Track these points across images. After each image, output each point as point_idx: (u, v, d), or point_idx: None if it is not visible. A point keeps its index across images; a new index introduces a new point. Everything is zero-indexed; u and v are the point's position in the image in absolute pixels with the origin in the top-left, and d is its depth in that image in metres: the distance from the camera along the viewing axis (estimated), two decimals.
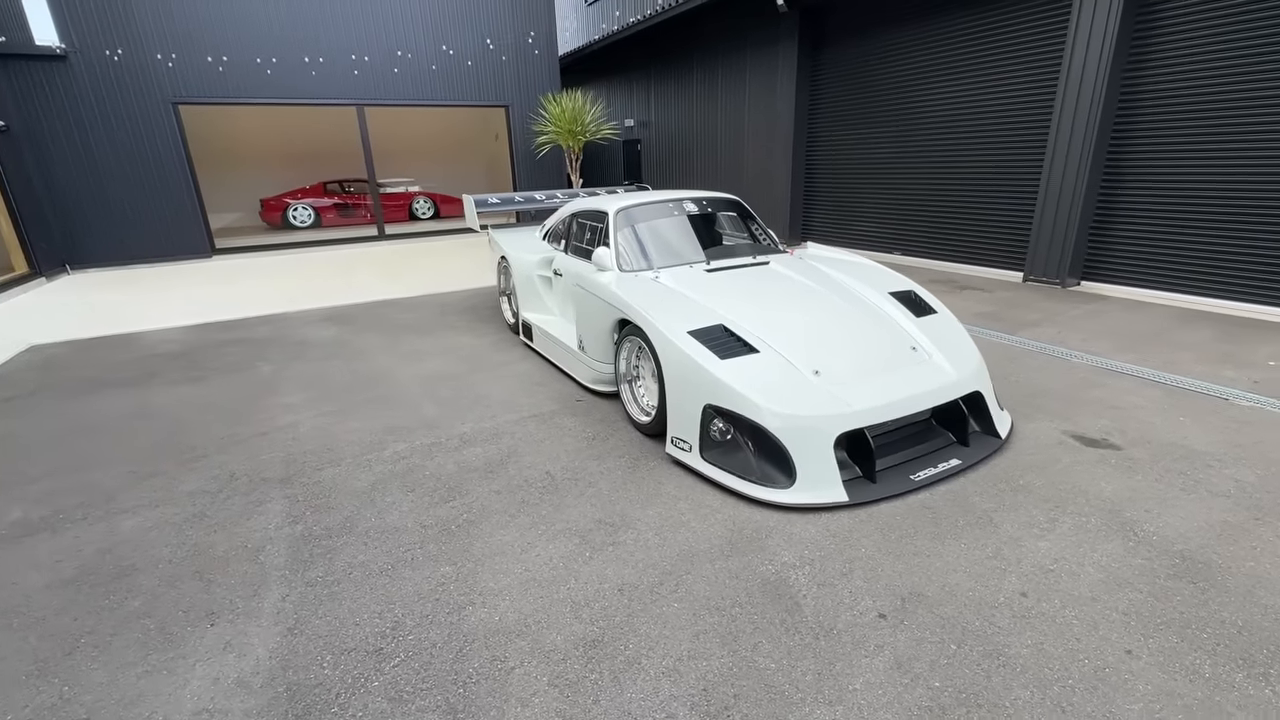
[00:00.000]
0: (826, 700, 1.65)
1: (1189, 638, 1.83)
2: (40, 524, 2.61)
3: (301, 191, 13.43)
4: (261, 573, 2.24)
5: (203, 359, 4.87)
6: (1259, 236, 5.01)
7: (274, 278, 8.30)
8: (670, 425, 2.94)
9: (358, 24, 9.68)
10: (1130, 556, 2.20)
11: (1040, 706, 1.61)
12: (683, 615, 1.98)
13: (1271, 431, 3.10)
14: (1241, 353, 4.24)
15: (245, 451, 3.23)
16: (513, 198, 6.18)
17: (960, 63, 6.93)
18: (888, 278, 3.74)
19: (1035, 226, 6.26)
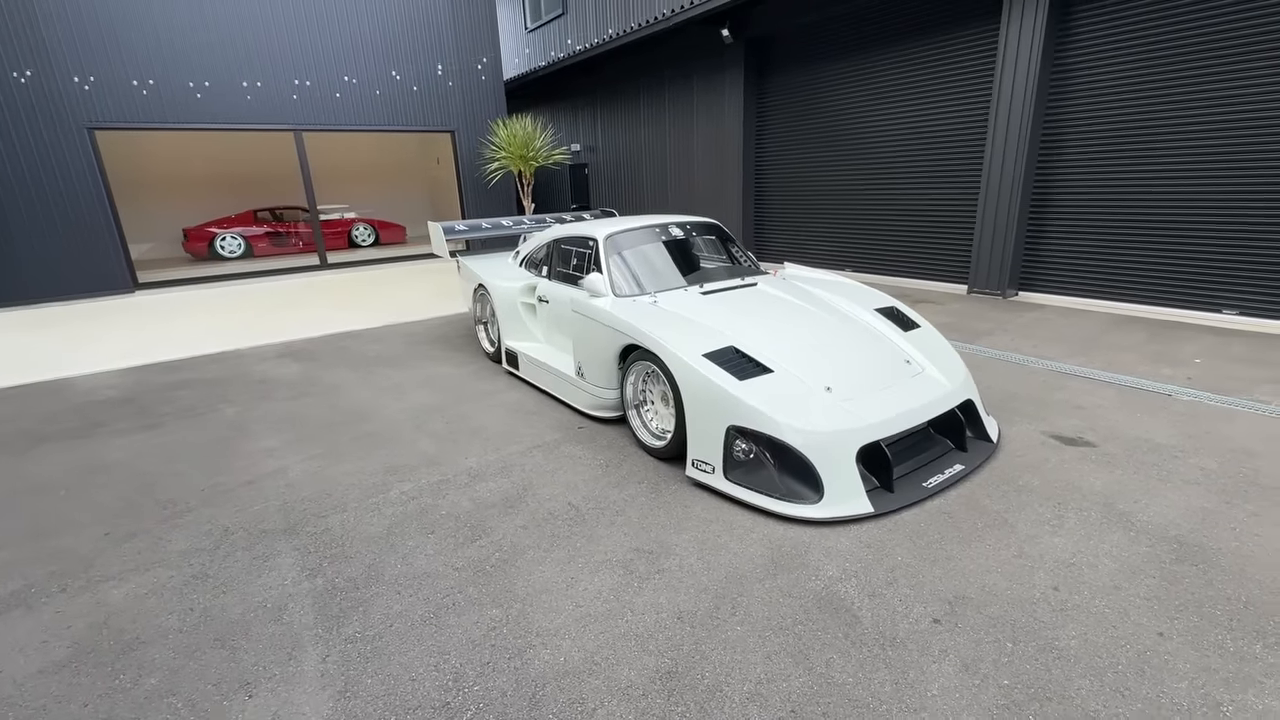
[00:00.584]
0: (910, 709, 1.70)
1: (1207, 616, 2.01)
2: (11, 600, 2.32)
3: (229, 220, 12.68)
4: (290, 633, 2.08)
5: (152, 404, 4.49)
6: (1174, 248, 5.61)
7: (213, 312, 7.76)
8: (691, 448, 2.96)
9: (301, 48, 9.34)
10: (1135, 545, 2.39)
11: (1101, 694, 1.72)
12: (749, 638, 1.99)
13: (1215, 422, 3.46)
14: (1171, 352, 4.72)
15: (233, 503, 2.99)
16: (480, 224, 6.09)
17: (901, 91, 7.44)
18: (871, 295, 3.94)
19: (976, 242, 6.76)
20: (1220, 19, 5.05)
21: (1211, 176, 5.28)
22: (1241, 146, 5.09)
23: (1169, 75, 5.38)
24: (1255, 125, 5.00)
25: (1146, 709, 1.67)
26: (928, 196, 7.41)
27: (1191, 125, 5.32)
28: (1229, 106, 5.10)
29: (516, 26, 14.56)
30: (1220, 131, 5.18)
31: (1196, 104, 5.27)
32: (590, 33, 12.04)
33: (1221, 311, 5.44)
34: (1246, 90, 5.00)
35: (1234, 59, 5.02)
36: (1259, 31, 4.88)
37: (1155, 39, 5.41)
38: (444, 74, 10.52)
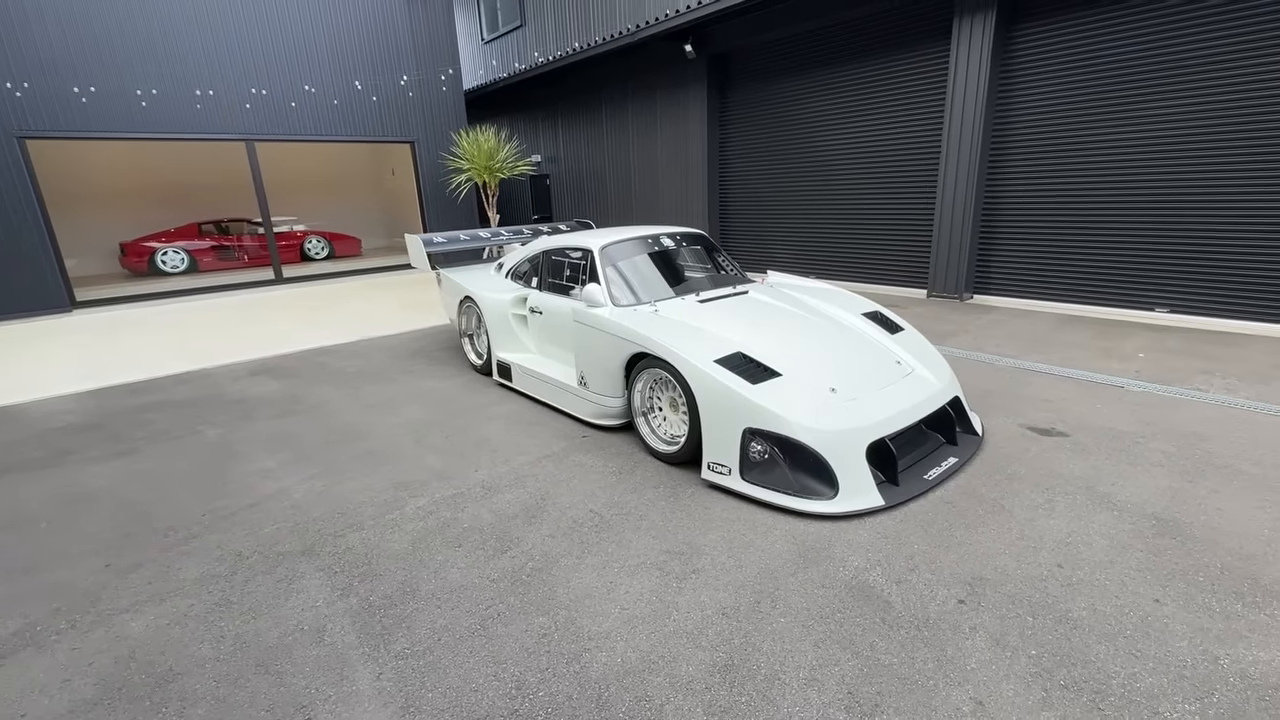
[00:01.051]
0: (955, 682, 1.84)
1: (1192, 583, 2.24)
2: (15, 640, 2.18)
3: (169, 233, 12.03)
4: (336, 654, 2.05)
5: (122, 429, 4.25)
6: (1111, 252, 6.11)
7: (165, 330, 7.37)
8: (706, 451, 3.06)
9: (256, 56, 9.02)
10: (1120, 523, 2.63)
11: (1117, 656, 1.91)
12: (794, 628, 2.09)
13: (1165, 410, 3.82)
14: (1116, 348, 5.14)
15: (240, 527, 2.89)
16: (458, 235, 6.04)
17: (861, 106, 7.82)
18: (856, 301, 4.15)
19: (934, 248, 7.17)
20: (1146, 44, 5.57)
21: (1141, 188, 5.80)
22: (1166, 161, 5.62)
23: (1102, 94, 5.89)
24: (1178, 142, 5.53)
25: (1157, 667, 1.86)
26: (888, 206, 7.80)
27: (1122, 141, 5.84)
28: (1155, 124, 5.63)
29: (472, 37, 14.48)
30: (1148, 147, 5.70)
31: (1126, 121, 5.78)
32: (550, 45, 12.10)
33: (1154, 310, 5.96)
34: (1170, 109, 5.53)
35: (1160, 80, 5.55)
36: (1181, 55, 5.41)
37: (1088, 61, 5.91)
38: (405, 84, 10.37)
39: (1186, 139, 5.48)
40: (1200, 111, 5.38)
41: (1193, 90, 5.39)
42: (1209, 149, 5.39)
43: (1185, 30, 5.35)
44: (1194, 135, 5.44)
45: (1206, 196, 5.47)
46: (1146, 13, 5.52)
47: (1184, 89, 5.43)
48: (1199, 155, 5.45)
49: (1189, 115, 5.44)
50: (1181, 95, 5.45)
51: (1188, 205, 5.58)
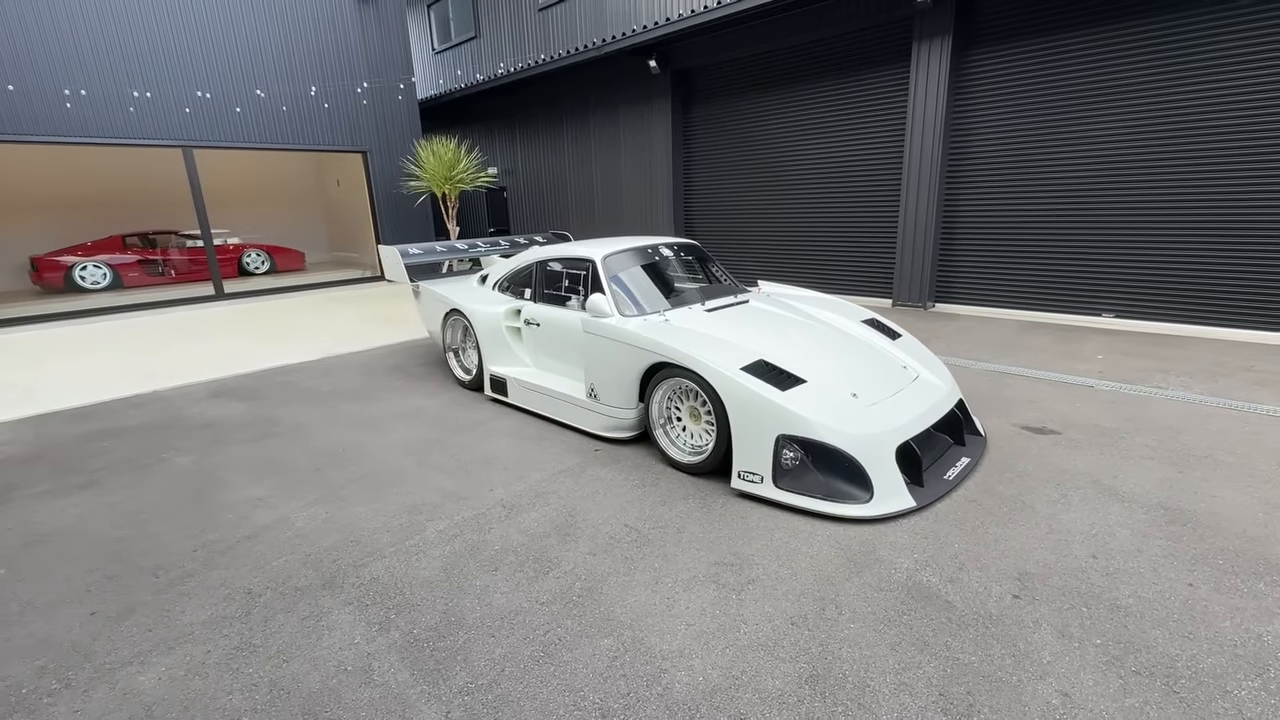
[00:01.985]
0: (1036, 676, 1.87)
1: (1214, 565, 2.38)
2: (1, 707, 1.89)
3: (87, 247, 11.03)
4: (392, 694, 1.88)
5: (72, 459, 3.82)
6: (1060, 262, 6.56)
7: (99, 351, 6.72)
8: (737, 460, 3.03)
9: (199, 59, 8.44)
10: (1134, 514, 2.78)
11: (1175, 639, 1.99)
12: (866, 634, 2.08)
13: (1137, 407, 4.09)
14: (1077, 351, 5.49)
15: (242, 561, 2.63)
16: (434, 247, 5.81)
17: (825, 123, 8.11)
18: (853, 309, 4.26)
19: (898, 259, 7.48)
20: (1087, 70, 6.05)
21: (1085, 202, 6.27)
22: (1106, 177, 6.10)
23: (1048, 116, 6.34)
24: (1116, 160, 6.02)
25: (1212, 648, 1.96)
26: (853, 218, 8.10)
27: (1067, 159, 6.30)
28: (1095, 144, 6.11)
29: (423, 47, 14.15)
30: (1090, 165, 6.17)
31: (1070, 141, 6.25)
32: (507, 57, 11.98)
33: (1101, 315, 6.42)
34: (1108, 131, 6.01)
35: (1099, 104, 6.03)
36: (1118, 80, 5.90)
37: (1035, 85, 6.37)
38: (361, 93, 9.98)
39: (1123, 157, 5.97)
40: (1133, 132, 5.87)
41: (1128, 113, 5.88)
42: (1143, 166, 5.89)
43: (1121, 58, 5.85)
44: (1129, 154, 5.93)
45: (1143, 210, 5.96)
46: (1086, 42, 6.00)
47: (1120, 112, 5.92)
48: (1135, 172, 5.94)
49: (1124, 135, 5.93)
50: (1118, 117, 5.94)
51: (1127, 218, 6.06)
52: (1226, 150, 5.47)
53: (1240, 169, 5.43)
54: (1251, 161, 5.37)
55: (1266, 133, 5.26)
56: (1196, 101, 5.54)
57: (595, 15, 10.32)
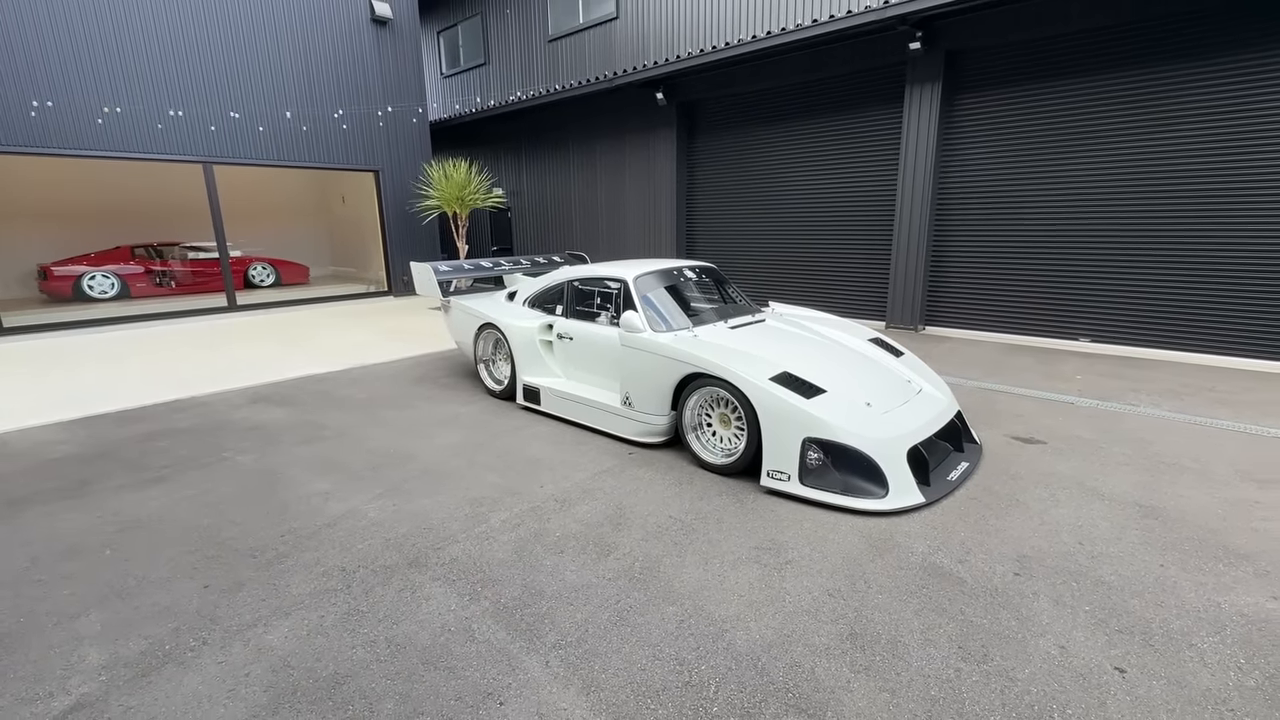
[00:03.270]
0: (1037, 633, 2.24)
1: (1181, 550, 2.79)
2: (149, 661, 2.16)
3: (93, 257, 11.16)
4: (494, 649, 2.19)
5: (136, 458, 4.06)
6: (1039, 289, 7.09)
7: (127, 358, 6.90)
8: (766, 460, 3.39)
9: (232, 80, 8.79)
10: (1113, 510, 3.19)
11: (1149, 606, 2.38)
12: (893, 602, 2.44)
13: (1113, 421, 4.54)
14: (1057, 371, 5.98)
15: (329, 545, 2.92)
16: (461, 265, 6.16)
17: (824, 157, 8.65)
18: (859, 329, 4.68)
19: (891, 284, 7.98)
20: (1064, 115, 6.65)
21: (1062, 235, 6.83)
22: (1082, 213, 6.67)
23: (1028, 156, 6.92)
24: (1090, 197, 6.59)
25: (1179, 612, 2.35)
26: (849, 246, 8.61)
27: (1045, 196, 6.87)
28: (1071, 183, 6.68)
29: (431, 71, 14.61)
30: (1066, 201, 6.74)
31: (1048, 179, 6.82)
32: (515, 84, 12.47)
33: (1078, 339, 6.95)
34: (1082, 170, 6.60)
35: (1075, 146, 6.62)
36: (1096, 124, 6.50)
37: (1017, 128, 6.96)
38: (378, 115, 10.37)
39: (1097, 196, 6.55)
40: (1106, 173, 6.46)
41: (1101, 155, 6.47)
42: (1115, 205, 6.46)
43: (1095, 106, 6.45)
44: (1103, 193, 6.51)
45: (1115, 244, 6.53)
46: (1063, 92, 6.61)
47: (1094, 154, 6.51)
48: (1107, 210, 6.51)
49: (1098, 176, 6.51)
50: (1092, 159, 6.53)
51: (1100, 251, 6.62)
52: (1188, 193, 6.06)
53: (1201, 210, 6.02)
54: (1211, 204, 5.96)
55: (1223, 179, 5.86)
56: (1162, 148, 6.14)
57: (604, 49, 10.87)
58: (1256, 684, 1.99)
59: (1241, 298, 5.93)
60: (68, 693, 2.01)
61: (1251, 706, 1.90)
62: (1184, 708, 1.90)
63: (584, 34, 11.25)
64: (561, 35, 11.59)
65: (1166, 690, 1.97)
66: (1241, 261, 5.89)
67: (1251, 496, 3.31)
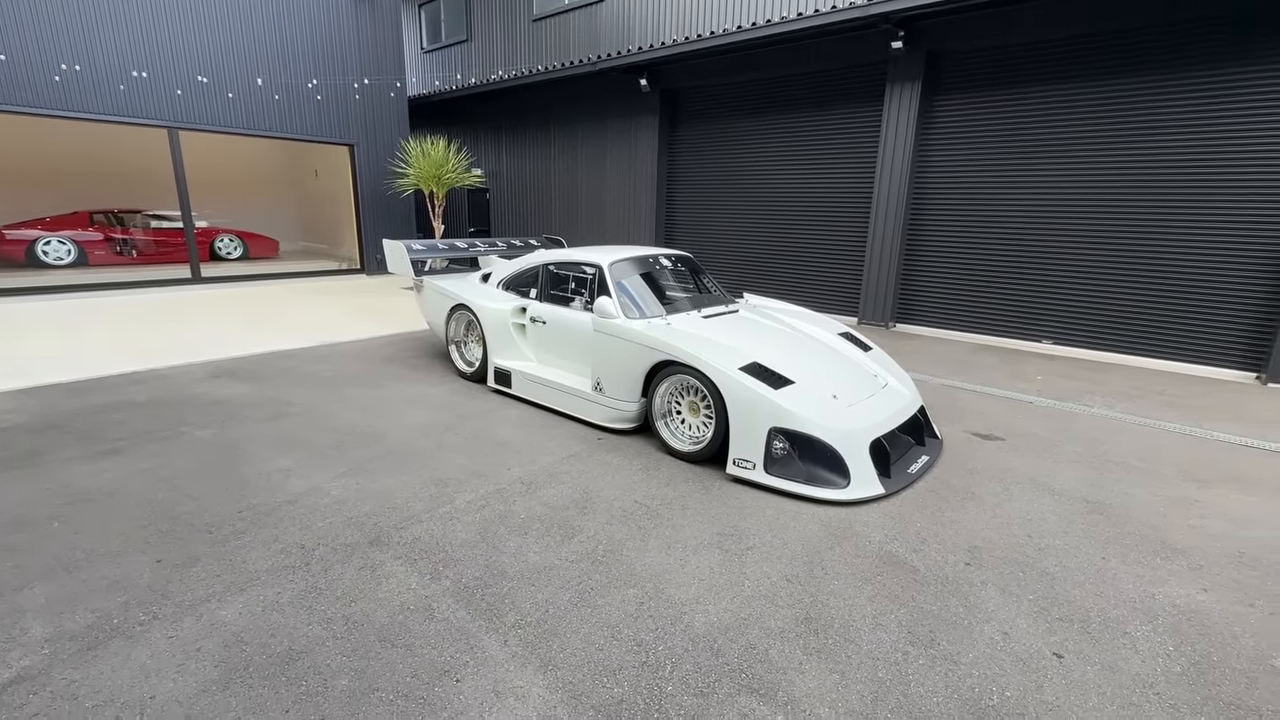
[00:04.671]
0: (983, 620, 2.33)
1: (1122, 544, 2.91)
2: (97, 634, 2.11)
3: (48, 222, 10.69)
4: (453, 627, 2.19)
5: (88, 429, 3.93)
6: (1006, 292, 7.27)
7: (79, 328, 6.66)
8: (733, 448, 3.43)
9: (201, 44, 8.44)
10: (1061, 505, 3.31)
11: (1090, 596, 2.49)
12: (848, 589, 2.50)
13: (1068, 420, 4.70)
14: (1020, 371, 6.15)
15: (288, 522, 2.88)
16: (435, 245, 6.06)
17: (803, 151, 8.70)
18: (829, 322, 4.75)
19: (864, 281, 8.10)
20: (1034, 123, 6.79)
21: (1029, 240, 7.00)
22: (1047, 220, 6.84)
23: (1000, 160, 7.07)
24: (1055, 205, 6.77)
25: (1116, 602, 2.46)
26: (824, 240, 8.70)
27: (1014, 201, 7.02)
28: (1037, 189, 6.84)
29: (412, 45, 14.26)
30: (1033, 208, 6.91)
31: (1016, 185, 6.98)
32: (497, 62, 12.25)
33: (1041, 341, 7.15)
34: (1049, 178, 6.76)
35: (1044, 153, 6.77)
36: (1065, 133, 6.66)
37: (990, 132, 7.09)
38: (354, 87, 10.09)
39: (1064, 203, 6.72)
40: (1073, 182, 6.63)
41: (1069, 164, 6.64)
42: (1080, 213, 6.64)
43: (1065, 115, 6.60)
44: (1069, 200, 6.69)
45: (1078, 251, 6.72)
46: (1037, 98, 6.75)
47: (1062, 162, 6.67)
48: (1072, 217, 6.70)
49: (1065, 184, 6.68)
50: (1060, 167, 6.69)
51: (1065, 257, 6.81)
52: (1148, 204, 6.25)
53: (1159, 222, 6.22)
54: (1169, 217, 6.16)
55: (1181, 193, 6.06)
56: (1125, 159, 6.32)
57: (589, 32, 10.73)
58: (1182, 669, 2.10)
59: (1193, 307, 6.16)
60: (8, 665, 1.96)
61: (1176, 690, 2.01)
62: (1114, 690, 2.00)
63: (569, 15, 11.09)
64: (546, 15, 11.40)
65: (1099, 674, 2.07)
66: (1194, 273, 6.12)
67: (1191, 495, 3.47)
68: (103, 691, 1.86)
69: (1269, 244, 5.74)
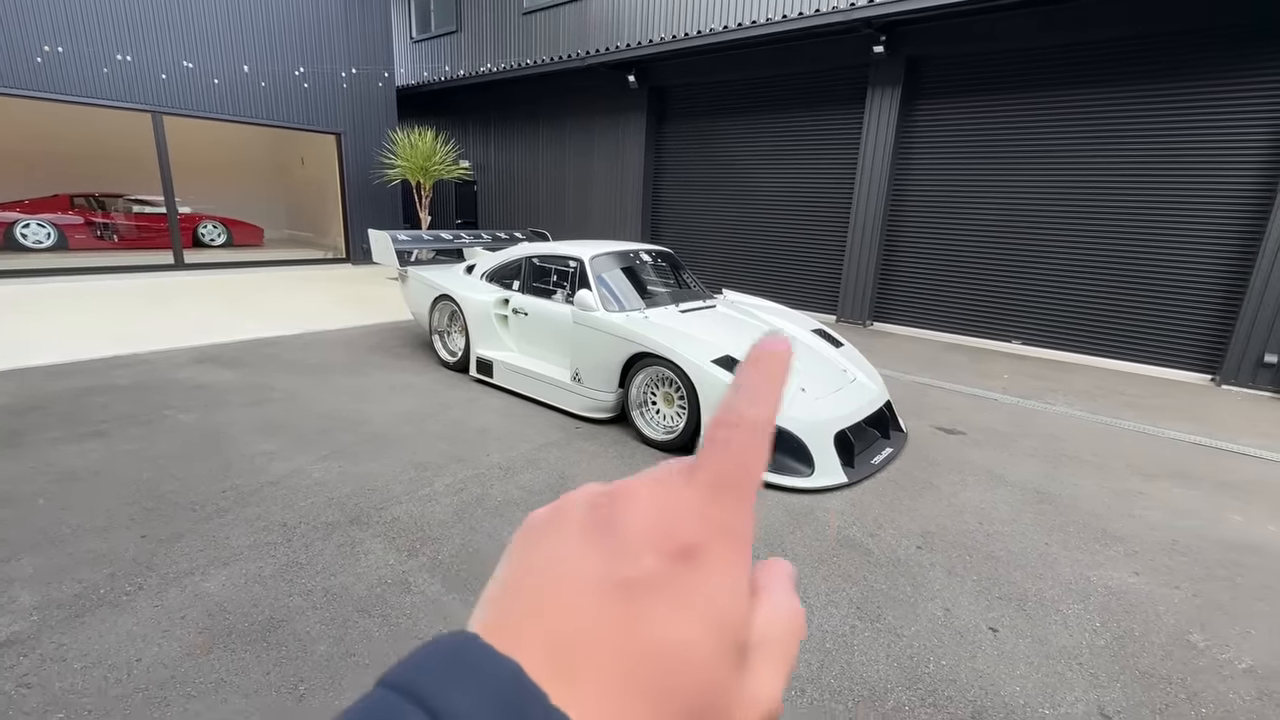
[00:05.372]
0: (928, 597, 2.49)
1: (1065, 531, 3.09)
2: (84, 602, 2.20)
3: (28, 204, 10.58)
4: (429, 600, 2.31)
5: (74, 411, 3.98)
6: (979, 294, 7.48)
7: (60, 312, 6.65)
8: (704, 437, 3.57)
9: (186, 27, 8.39)
10: (1014, 494, 3.49)
11: (1030, 579, 2.66)
12: (804, 568, 2.65)
13: (1029, 417, 4.90)
14: (988, 370, 6.36)
15: (271, 502, 2.97)
16: (421, 235, 6.14)
17: (786, 151, 8.85)
18: (804, 320, 4.90)
19: (843, 281, 8.28)
20: (1010, 128, 6.99)
21: (1001, 244, 7.21)
22: (1018, 224, 7.05)
23: (976, 166, 7.26)
24: (1025, 210, 6.98)
25: (1053, 584, 2.63)
26: (805, 240, 8.87)
27: (986, 206, 7.23)
28: (1009, 195, 7.05)
29: (401, 34, 14.21)
30: (1004, 212, 7.12)
31: (990, 190, 7.18)
32: (487, 55, 12.27)
33: (1011, 341, 7.38)
34: (1027, 183, 6.97)
35: (1020, 159, 6.98)
36: (1037, 140, 6.86)
37: (967, 138, 7.28)
38: (341, 76, 10.07)
39: (1035, 208, 6.94)
40: (1043, 188, 6.84)
41: (1041, 170, 6.85)
42: (1050, 217, 6.86)
43: (1037, 122, 6.80)
44: (1040, 206, 6.90)
45: (1047, 254, 6.94)
46: (1011, 106, 6.94)
47: (1035, 168, 6.88)
48: (1043, 222, 6.91)
49: (1037, 190, 6.89)
50: (1032, 173, 6.90)
51: (1035, 260, 7.03)
52: (1115, 211, 6.48)
53: (1125, 227, 6.45)
54: (1134, 223, 6.39)
55: (1145, 201, 6.29)
56: (1094, 167, 6.53)
57: (579, 27, 10.79)
58: (1105, 644, 2.28)
59: (1155, 312, 6.41)
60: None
61: (1097, 660, 2.18)
62: (1041, 660, 2.16)
63: (559, 9, 11.13)
64: (536, 9, 11.43)
65: (1029, 646, 2.23)
66: (1157, 279, 6.36)
67: (1136, 488, 3.66)
68: (90, 654, 1.96)
69: (1225, 252, 5.99)
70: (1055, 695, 2.02)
